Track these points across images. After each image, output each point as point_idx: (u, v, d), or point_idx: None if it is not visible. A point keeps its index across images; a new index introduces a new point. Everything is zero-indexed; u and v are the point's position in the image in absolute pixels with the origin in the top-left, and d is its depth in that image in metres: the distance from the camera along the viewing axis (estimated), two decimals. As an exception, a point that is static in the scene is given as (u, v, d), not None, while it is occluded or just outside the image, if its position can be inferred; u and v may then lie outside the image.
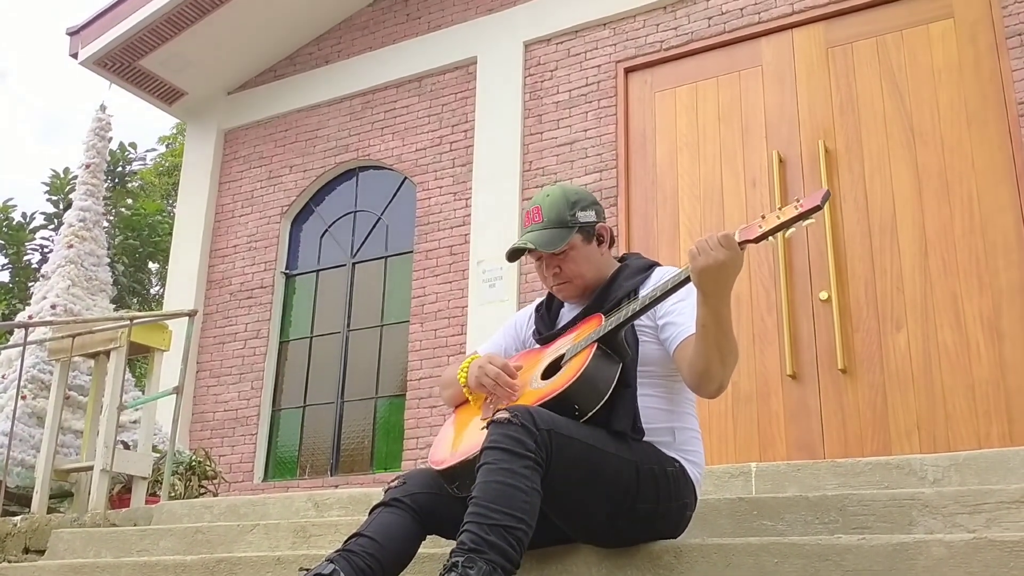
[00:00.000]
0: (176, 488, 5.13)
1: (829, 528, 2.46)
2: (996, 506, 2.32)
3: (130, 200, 14.67)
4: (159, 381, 4.90)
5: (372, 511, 2.29)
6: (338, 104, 7.08)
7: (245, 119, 7.48)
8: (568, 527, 2.26)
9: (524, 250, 2.46)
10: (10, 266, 13.69)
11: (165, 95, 7.55)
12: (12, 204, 13.81)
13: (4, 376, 5.97)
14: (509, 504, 1.99)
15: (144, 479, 4.66)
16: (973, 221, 4.80)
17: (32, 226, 13.80)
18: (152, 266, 14.26)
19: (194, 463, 5.40)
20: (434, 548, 2.43)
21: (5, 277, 13.77)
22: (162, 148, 16.09)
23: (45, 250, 13.33)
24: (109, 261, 7.13)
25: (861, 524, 2.43)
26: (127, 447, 4.89)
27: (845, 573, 2.01)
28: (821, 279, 5.03)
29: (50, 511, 4.63)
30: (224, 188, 7.41)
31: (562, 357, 2.30)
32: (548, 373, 2.31)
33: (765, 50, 5.59)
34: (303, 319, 6.85)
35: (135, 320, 4.71)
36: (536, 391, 2.26)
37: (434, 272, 6.25)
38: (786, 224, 2.05)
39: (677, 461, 2.28)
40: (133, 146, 14.90)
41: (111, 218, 13.20)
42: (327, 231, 6.97)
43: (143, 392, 5.18)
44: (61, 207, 13.31)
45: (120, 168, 14.67)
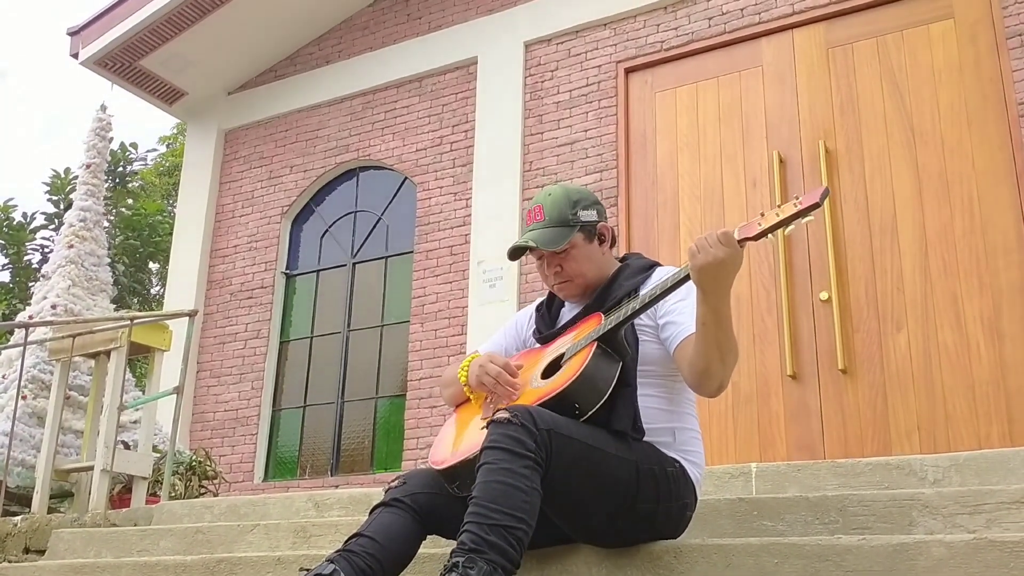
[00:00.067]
0: (176, 488, 5.13)
1: (829, 528, 2.46)
2: (996, 507, 2.32)
3: (131, 200, 14.66)
4: (159, 381, 4.90)
5: (372, 511, 2.29)
6: (338, 104, 7.08)
7: (245, 119, 7.48)
8: (568, 527, 2.26)
9: (526, 248, 2.46)
10: (10, 266, 13.69)
11: (165, 95, 7.56)
12: (13, 204, 13.83)
13: (4, 376, 5.97)
14: (509, 504, 1.99)
15: (144, 479, 4.66)
16: (973, 221, 4.80)
17: (32, 226, 13.80)
18: (152, 266, 14.26)
19: (194, 463, 5.41)
20: (434, 548, 2.43)
21: (5, 277, 13.78)
22: (162, 148, 16.10)
23: (46, 250, 13.33)
24: (109, 261, 7.13)
25: (861, 524, 2.43)
26: (127, 447, 4.89)
27: (845, 573, 2.01)
28: (821, 279, 5.03)
29: (50, 511, 4.63)
30: (224, 188, 7.41)
31: (562, 356, 2.30)
32: (548, 372, 2.31)
33: (765, 50, 5.59)
34: (303, 319, 6.85)
35: (135, 320, 4.71)
36: (536, 390, 2.26)
37: (434, 272, 6.25)
38: (785, 221, 2.05)
39: (677, 461, 2.28)
40: (134, 146, 14.91)
41: (111, 218, 13.21)
42: (327, 231, 6.97)
43: (143, 392, 5.18)
44: (62, 207, 13.31)
45: (121, 168, 14.67)
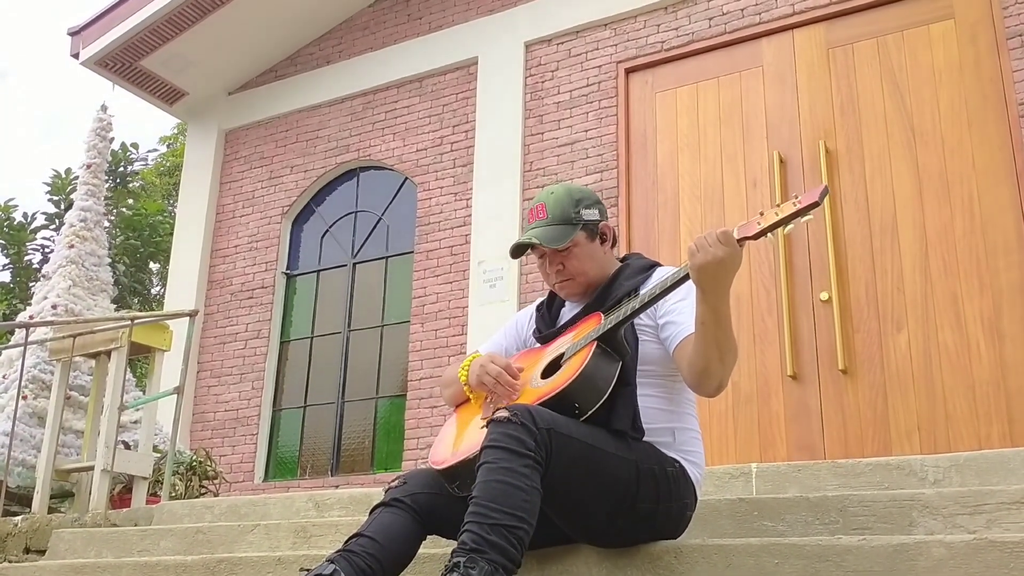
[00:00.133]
0: (177, 488, 5.13)
1: (830, 529, 2.46)
2: (996, 507, 2.32)
3: (131, 200, 14.66)
4: (160, 381, 4.90)
5: (372, 511, 2.29)
6: (339, 104, 7.08)
7: (246, 119, 7.48)
8: (568, 527, 2.26)
9: (528, 246, 2.46)
10: (11, 266, 13.68)
11: (166, 95, 7.56)
12: (13, 204, 13.81)
13: (5, 376, 5.97)
14: (510, 503, 1.99)
15: (145, 479, 4.66)
16: (973, 221, 4.79)
17: (33, 226, 13.79)
18: (153, 266, 14.26)
19: (195, 463, 5.41)
20: (434, 548, 2.43)
21: (6, 277, 13.77)
22: (163, 148, 16.09)
23: (46, 250, 13.33)
24: (110, 261, 7.13)
25: (861, 525, 2.43)
26: (128, 447, 4.89)
27: (845, 574, 2.01)
28: (821, 279, 5.03)
29: (51, 511, 4.63)
30: (225, 188, 7.41)
31: (562, 356, 2.30)
32: (548, 372, 2.31)
33: (766, 50, 5.59)
34: (304, 319, 6.86)
35: (136, 320, 4.71)
36: (536, 390, 2.26)
37: (435, 272, 6.25)
38: (785, 220, 2.04)
39: (677, 461, 2.28)
40: (135, 146, 14.91)
41: (112, 218, 13.20)
42: (328, 231, 6.97)
43: (144, 392, 5.18)
44: (62, 207, 13.30)
45: (121, 168, 14.67)
